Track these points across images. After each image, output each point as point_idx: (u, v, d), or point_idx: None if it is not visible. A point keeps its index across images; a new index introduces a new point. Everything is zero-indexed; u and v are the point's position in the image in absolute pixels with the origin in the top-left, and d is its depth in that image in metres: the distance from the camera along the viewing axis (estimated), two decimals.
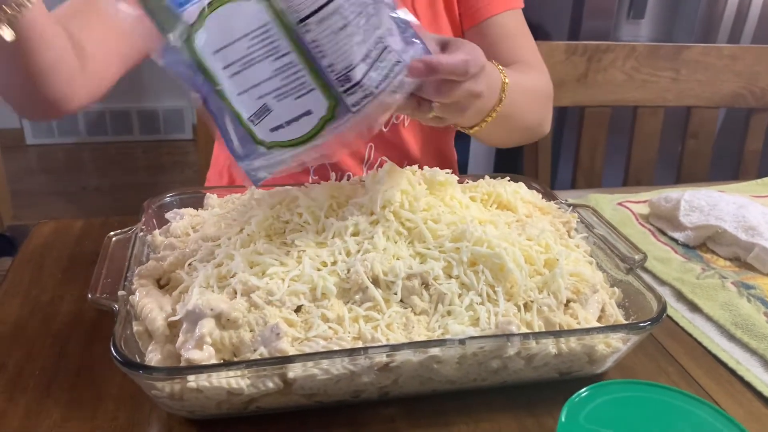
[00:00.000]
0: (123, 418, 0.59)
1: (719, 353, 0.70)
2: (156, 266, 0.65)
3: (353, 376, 0.56)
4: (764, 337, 0.70)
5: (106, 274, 0.65)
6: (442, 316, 0.61)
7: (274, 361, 0.54)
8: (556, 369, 0.62)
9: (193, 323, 0.56)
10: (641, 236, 0.95)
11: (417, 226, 0.66)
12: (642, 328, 0.60)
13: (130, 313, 0.60)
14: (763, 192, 1.11)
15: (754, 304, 0.77)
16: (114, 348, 0.53)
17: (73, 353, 0.67)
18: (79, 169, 3.15)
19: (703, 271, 0.84)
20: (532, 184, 0.85)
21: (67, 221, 0.93)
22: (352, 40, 0.58)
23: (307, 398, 0.58)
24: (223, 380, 0.53)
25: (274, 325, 0.56)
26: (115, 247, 0.70)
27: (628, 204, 1.04)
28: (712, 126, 1.46)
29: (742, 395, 0.65)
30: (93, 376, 0.64)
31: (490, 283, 0.62)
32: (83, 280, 0.67)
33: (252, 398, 0.56)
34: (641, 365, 0.68)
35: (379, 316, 0.60)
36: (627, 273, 0.69)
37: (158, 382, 0.53)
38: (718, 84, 1.43)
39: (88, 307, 0.72)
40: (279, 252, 0.63)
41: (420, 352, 0.56)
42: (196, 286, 0.59)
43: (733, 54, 1.42)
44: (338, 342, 0.56)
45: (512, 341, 0.57)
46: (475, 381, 0.61)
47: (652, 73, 1.40)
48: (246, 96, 0.58)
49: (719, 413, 0.43)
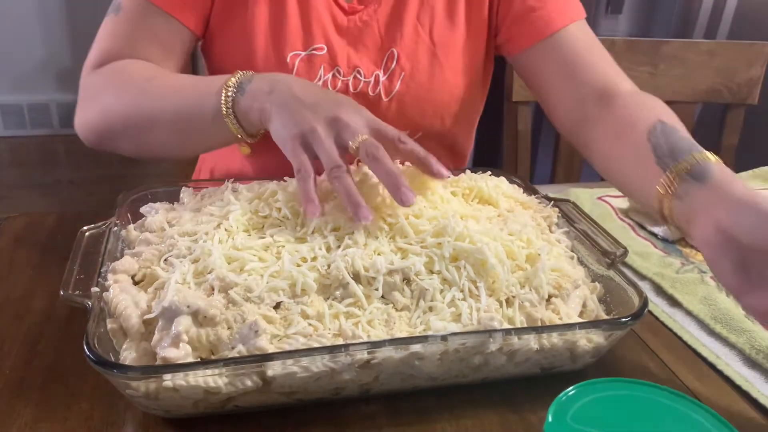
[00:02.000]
0: (97, 418, 0.58)
1: (699, 348, 0.71)
2: (131, 262, 0.63)
3: (334, 374, 0.55)
4: (743, 331, 0.71)
5: (79, 270, 0.63)
6: (424, 312, 0.60)
7: (252, 359, 0.53)
8: (537, 365, 0.62)
9: (168, 320, 0.55)
10: (621, 231, 0.95)
11: (398, 221, 0.65)
12: (623, 323, 0.60)
13: (103, 310, 0.59)
14: None
15: (732, 298, 0.77)
16: (87, 346, 0.52)
17: (45, 352, 0.65)
18: (53, 162, 3.09)
19: (682, 266, 0.84)
20: (513, 178, 0.85)
21: (39, 215, 0.91)
22: None
23: (287, 396, 0.57)
24: (200, 379, 0.52)
25: (252, 322, 0.55)
26: (89, 242, 0.68)
27: (607, 198, 1.05)
28: (690, 121, 1.47)
29: (721, 389, 0.65)
30: (65, 375, 0.62)
31: (472, 278, 0.62)
32: (55, 276, 0.65)
33: (230, 397, 0.55)
34: (623, 360, 0.68)
35: (360, 313, 0.59)
36: (608, 268, 0.69)
37: (133, 382, 0.52)
38: (695, 79, 1.44)
39: (61, 304, 0.70)
40: (258, 248, 0.62)
41: (401, 349, 0.55)
42: (172, 283, 0.57)
43: (711, 50, 1.43)
44: (318, 339, 0.55)
45: (494, 337, 0.56)
46: (456, 377, 0.61)
47: (631, 67, 1.40)
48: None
49: (705, 410, 0.43)
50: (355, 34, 0.93)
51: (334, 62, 0.92)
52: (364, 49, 0.93)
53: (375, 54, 0.93)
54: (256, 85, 0.73)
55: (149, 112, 0.80)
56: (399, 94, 0.94)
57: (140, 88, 0.82)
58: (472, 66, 0.98)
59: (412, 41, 0.93)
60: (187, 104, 0.78)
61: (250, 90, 0.73)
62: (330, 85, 0.92)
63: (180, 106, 0.78)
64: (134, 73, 0.84)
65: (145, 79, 0.82)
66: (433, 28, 0.94)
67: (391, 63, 0.93)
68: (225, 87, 0.74)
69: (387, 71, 0.93)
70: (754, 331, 0.70)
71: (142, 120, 0.81)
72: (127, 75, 0.84)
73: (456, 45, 0.96)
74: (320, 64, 0.91)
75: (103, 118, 0.84)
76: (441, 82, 0.95)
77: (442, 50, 0.94)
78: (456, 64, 0.96)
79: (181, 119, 0.78)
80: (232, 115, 0.74)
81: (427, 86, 0.94)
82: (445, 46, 0.95)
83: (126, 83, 0.83)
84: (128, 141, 0.84)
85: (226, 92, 0.74)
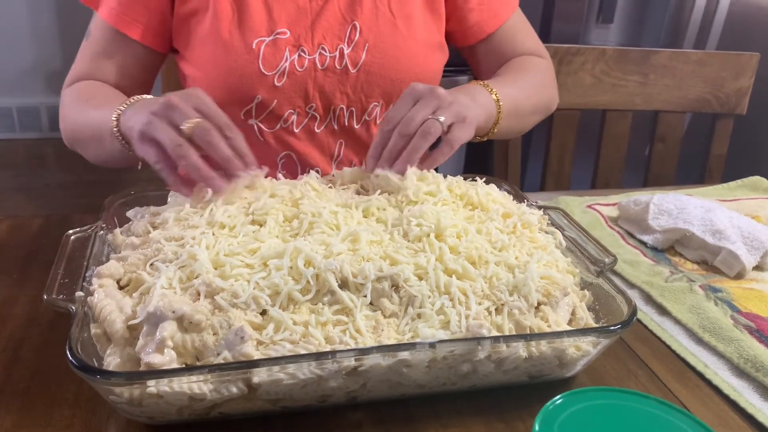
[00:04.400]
0: (79, 425, 0.57)
1: (687, 356, 0.71)
2: (116, 266, 0.63)
3: (320, 381, 0.54)
4: (731, 340, 0.71)
5: (64, 274, 0.63)
6: (412, 319, 0.59)
7: (238, 365, 0.52)
8: (526, 372, 0.62)
9: (153, 326, 0.54)
10: (610, 239, 0.95)
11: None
12: (612, 331, 0.60)
13: (87, 315, 0.58)
14: (729, 196, 1.12)
15: (721, 307, 0.77)
16: (70, 351, 0.51)
17: (28, 357, 0.64)
18: (42, 165, 3.07)
19: (671, 274, 0.84)
20: (503, 185, 0.85)
21: (25, 218, 0.90)
22: None
23: (272, 403, 0.56)
24: (185, 385, 0.51)
25: (238, 328, 0.54)
26: (74, 246, 0.68)
27: (597, 206, 1.05)
28: (679, 130, 1.48)
29: (710, 398, 0.65)
30: (48, 381, 0.61)
31: (462, 287, 0.61)
32: (40, 280, 0.64)
33: (215, 404, 0.54)
34: (611, 369, 0.68)
35: (348, 320, 0.58)
36: (597, 276, 0.69)
37: (117, 388, 0.51)
38: (684, 89, 1.45)
39: (45, 308, 0.69)
40: (245, 253, 0.61)
41: (389, 356, 0.54)
42: (157, 287, 0.57)
43: (700, 60, 1.44)
44: (305, 346, 0.55)
45: (483, 344, 0.56)
46: (444, 385, 0.60)
47: (621, 76, 1.41)
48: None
49: (692, 419, 0.43)
50: (316, 12, 0.96)
51: (298, 43, 0.95)
52: (326, 26, 0.96)
53: (338, 28, 0.97)
54: (136, 105, 0.79)
55: (80, 129, 0.91)
56: (366, 64, 0.97)
57: (79, 107, 0.92)
58: (432, 37, 1.03)
59: (372, 13, 0.98)
60: (99, 121, 0.84)
61: (130, 109, 0.79)
62: (297, 64, 0.95)
63: (95, 123, 0.86)
64: (82, 93, 0.94)
65: (86, 99, 0.92)
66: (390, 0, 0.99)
67: (354, 35, 0.97)
68: (118, 107, 0.80)
69: (351, 43, 0.97)
70: (742, 340, 0.70)
71: (79, 135, 0.92)
72: (79, 94, 0.94)
73: (414, 17, 1.00)
74: (285, 46, 0.95)
75: (65, 130, 0.96)
76: (405, 50, 0.99)
77: (401, 21, 0.99)
78: (416, 34, 1.00)
79: (96, 135, 0.86)
80: (117, 132, 0.80)
81: (392, 54, 0.98)
82: (405, 18, 0.99)
83: (75, 102, 0.94)
84: (81, 150, 0.95)
85: (117, 111, 0.80)
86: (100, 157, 0.92)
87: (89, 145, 0.91)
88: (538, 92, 1.05)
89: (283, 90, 0.95)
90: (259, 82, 0.94)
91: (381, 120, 1.03)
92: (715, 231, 0.87)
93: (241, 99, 0.95)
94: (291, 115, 0.98)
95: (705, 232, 0.88)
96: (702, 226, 0.89)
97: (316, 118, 1.00)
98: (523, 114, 0.99)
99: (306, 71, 0.95)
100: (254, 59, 0.93)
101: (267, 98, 0.95)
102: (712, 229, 0.88)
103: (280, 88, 0.95)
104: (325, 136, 1.02)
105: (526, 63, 1.07)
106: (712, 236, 0.87)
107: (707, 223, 0.89)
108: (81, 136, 0.92)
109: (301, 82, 0.96)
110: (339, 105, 0.99)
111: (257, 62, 0.93)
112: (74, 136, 0.94)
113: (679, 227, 0.90)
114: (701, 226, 0.89)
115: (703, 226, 0.89)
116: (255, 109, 0.96)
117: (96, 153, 0.91)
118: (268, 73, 0.94)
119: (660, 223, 0.92)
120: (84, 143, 0.93)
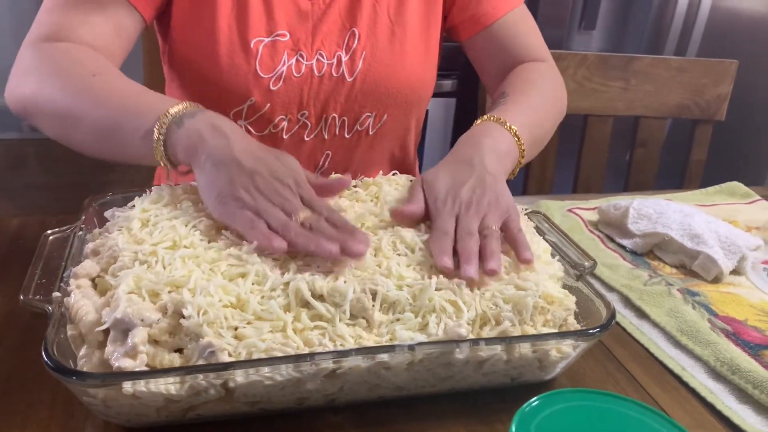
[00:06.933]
0: (55, 427, 0.56)
1: (665, 360, 0.71)
2: (92, 266, 0.62)
3: (299, 383, 0.54)
4: (708, 343, 0.71)
5: (41, 275, 0.62)
6: (391, 322, 0.59)
7: (213, 367, 0.52)
8: (506, 375, 0.62)
9: (122, 332, 0.53)
10: (590, 243, 0.96)
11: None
12: (591, 334, 0.60)
13: (64, 316, 0.57)
14: (707, 201, 1.13)
15: (698, 310, 0.78)
16: (45, 352, 0.51)
17: (3, 358, 0.63)
18: (22, 166, 3.03)
19: (650, 278, 0.85)
20: None
21: (2, 218, 0.89)
22: None
23: (250, 405, 0.56)
24: (161, 386, 0.51)
25: (207, 342, 0.53)
26: (52, 246, 0.67)
27: (577, 211, 1.05)
28: (660, 136, 1.50)
29: (687, 401, 0.66)
30: (24, 382, 0.60)
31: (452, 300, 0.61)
32: (17, 281, 0.63)
33: (192, 405, 0.54)
34: (590, 371, 0.69)
35: (326, 325, 0.57)
36: (577, 279, 0.70)
37: (92, 389, 0.51)
38: (665, 95, 1.46)
39: (21, 309, 0.68)
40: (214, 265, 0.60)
41: (368, 359, 0.54)
42: (121, 294, 0.55)
43: (681, 66, 1.45)
44: (282, 348, 0.54)
45: (461, 347, 0.56)
46: (424, 387, 0.60)
47: (603, 82, 1.42)
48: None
49: (669, 422, 0.43)
50: (317, 17, 0.94)
51: (297, 47, 0.93)
52: (326, 32, 0.94)
53: (337, 35, 0.95)
54: (196, 124, 0.70)
55: (81, 110, 0.77)
56: (362, 73, 0.96)
57: (83, 83, 0.79)
58: (429, 45, 1.01)
59: (371, 20, 0.96)
60: (123, 113, 0.75)
61: (189, 126, 0.70)
62: (294, 69, 0.93)
63: (116, 112, 0.76)
64: (82, 64, 0.81)
65: (91, 74, 0.79)
66: (390, 6, 0.97)
67: (353, 42, 0.95)
68: (165, 113, 0.71)
69: (349, 51, 0.95)
70: (719, 343, 0.71)
71: (72, 114, 0.78)
72: (74, 63, 0.81)
73: (413, 23, 0.98)
74: (283, 49, 0.92)
75: (36, 97, 0.81)
76: (401, 58, 0.97)
77: (399, 28, 0.97)
78: (414, 41, 0.99)
79: (112, 126, 0.76)
80: (162, 141, 0.71)
81: (389, 62, 0.97)
82: (403, 24, 0.97)
83: (71, 72, 0.80)
84: (51, 126, 0.82)
85: (164, 118, 0.71)
86: (84, 143, 0.80)
87: (80, 129, 0.78)
88: (552, 106, 0.99)
89: (278, 95, 0.93)
90: (253, 84, 0.91)
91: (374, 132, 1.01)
92: (694, 235, 0.88)
93: (233, 99, 0.92)
94: (282, 121, 0.96)
95: (683, 237, 0.89)
96: (681, 230, 0.90)
97: (307, 126, 0.98)
98: (542, 138, 0.94)
99: (302, 77, 0.93)
100: (251, 59, 0.90)
101: (260, 101, 0.93)
102: (690, 233, 0.89)
103: (275, 93, 0.93)
104: (312, 146, 1.00)
105: (533, 75, 1.00)
106: (691, 240, 0.88)
107: (686, 227, 0.90)
108: (71, 115, 0.78)
109: (296, 88, 0.94)
110: (332, 114, 0.97)
111: (254, 62, 0.90)
112: (57, 111, 0.80)
113: (658, 231, 0.91)
114: (680, 231, 0.90)
115: (681, 231, 0.90)
116: (246, 111, 0.94)
117: (85, 139, 0.79)
118: (264, 75, 0.91)
119: (639, 228, 0.93)
120: (71, 123, 0.79)
